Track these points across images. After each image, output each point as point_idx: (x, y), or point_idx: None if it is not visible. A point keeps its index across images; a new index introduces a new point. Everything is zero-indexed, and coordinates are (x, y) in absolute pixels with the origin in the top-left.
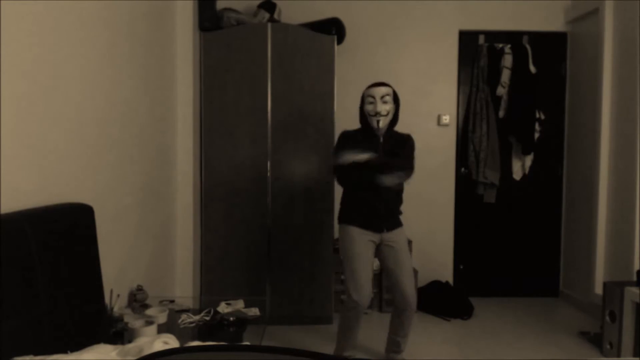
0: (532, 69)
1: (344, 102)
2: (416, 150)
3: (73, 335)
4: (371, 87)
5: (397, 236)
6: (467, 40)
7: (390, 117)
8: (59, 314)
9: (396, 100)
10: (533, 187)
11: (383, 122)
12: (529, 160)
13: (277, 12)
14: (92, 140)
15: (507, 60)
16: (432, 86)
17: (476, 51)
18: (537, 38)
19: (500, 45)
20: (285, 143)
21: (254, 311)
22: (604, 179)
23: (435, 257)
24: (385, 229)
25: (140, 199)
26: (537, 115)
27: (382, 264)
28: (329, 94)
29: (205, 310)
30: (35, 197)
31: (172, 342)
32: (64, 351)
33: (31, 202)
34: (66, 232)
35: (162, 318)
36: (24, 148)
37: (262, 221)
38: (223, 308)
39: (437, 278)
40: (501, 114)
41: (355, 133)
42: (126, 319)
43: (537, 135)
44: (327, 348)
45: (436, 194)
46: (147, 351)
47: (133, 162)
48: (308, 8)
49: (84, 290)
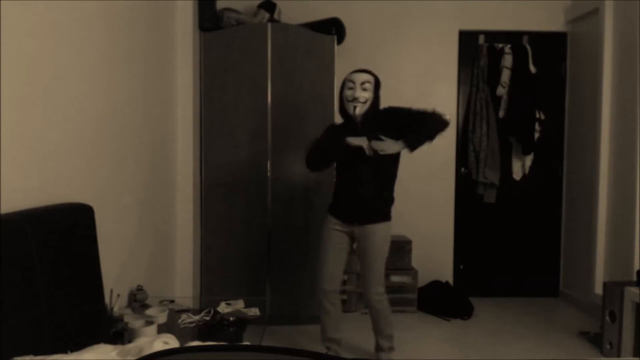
0: (532, 69)
1: None
2: (415, 150)
3: (73, 335)
4: (352, 72)
5: (370, 230)
6: (467, 40)
7: (367, 106)
8: (59, 314)
9: (377, 89)
10: (533, 187)
11: (360, 109)
12: (529, 160)
13: (277, 12)
14: (92, 140)
15: (507, 60)
16: (432, 86)
17: (476, 51)
18: (537, 38)
19: (500, 45)
20: (285, 143)
21: (254, 311)
22: (604, 179)
23: (435, 257)
24: (357, 223)
25: (140, 199)
26: (537, 115)
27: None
28: (329, 94)
29: (205, 310)
30: (35, 197)
31: (172, 342)
32: (64, 351)
33: (31, 202)
34: (66, 232)
35: (162, 318)
36: (24, 148)
37: (262, 221)
38: (223, 308)
39: (437, 278)
40: (501, 114)
41: (341, 125)
42: (126, 319)
43: (537, 135)
44: None
45: (436, 194)
46: (147, 351)
47: (133, 162)
48: (308, 8)
49: (84, 290)
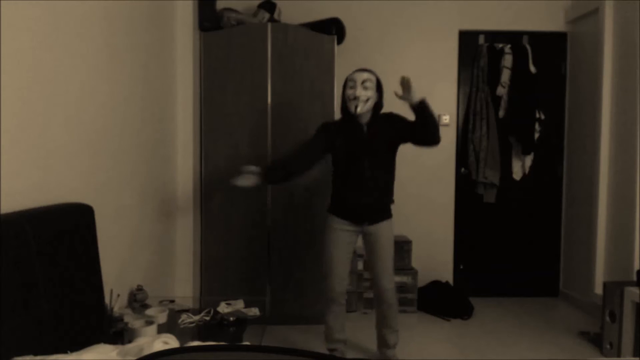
0: (532, 69)
1: None
2: (416, 150)
3: (73, 335)
4: (354, 72)
5: (379, 229)
6: (467, 40)
7: (370, 105)
8: (59, 314)
9: (379, 89)
10: (533, 187)
11: (361, 108)
12: (529, 160)
13: (277, 12)
14: (92, 140)
15: (507, 60)
16: (432, 86)
17: (476, 51)
18: (537, 38)
19: (500, 45)
20: (285, 142)
21: (254, 311)
22: (604, 179)
23: (435, 257)
24: (367, 222)
25: (140, 199)
26: (537, 115)
27: (365, 256)
28: (329, 94)
29: (205, 310)
30: (35, 197)
31: (172, 342)
32: (64, 351)
33: (31, 202)
34: (66, 232)
35: (162, 318)
36: (24, 148)
37: (262, 221)
38: (223, 308)
39: (437, 278)
40: (501, 114)
41: (336, 123)
42: (126, 319)
43: (537, 135)
44: None
45: (436, 193)
46: (147, 351)
47: (133, 162)
48: (308, 8)
49: (84, 290)
